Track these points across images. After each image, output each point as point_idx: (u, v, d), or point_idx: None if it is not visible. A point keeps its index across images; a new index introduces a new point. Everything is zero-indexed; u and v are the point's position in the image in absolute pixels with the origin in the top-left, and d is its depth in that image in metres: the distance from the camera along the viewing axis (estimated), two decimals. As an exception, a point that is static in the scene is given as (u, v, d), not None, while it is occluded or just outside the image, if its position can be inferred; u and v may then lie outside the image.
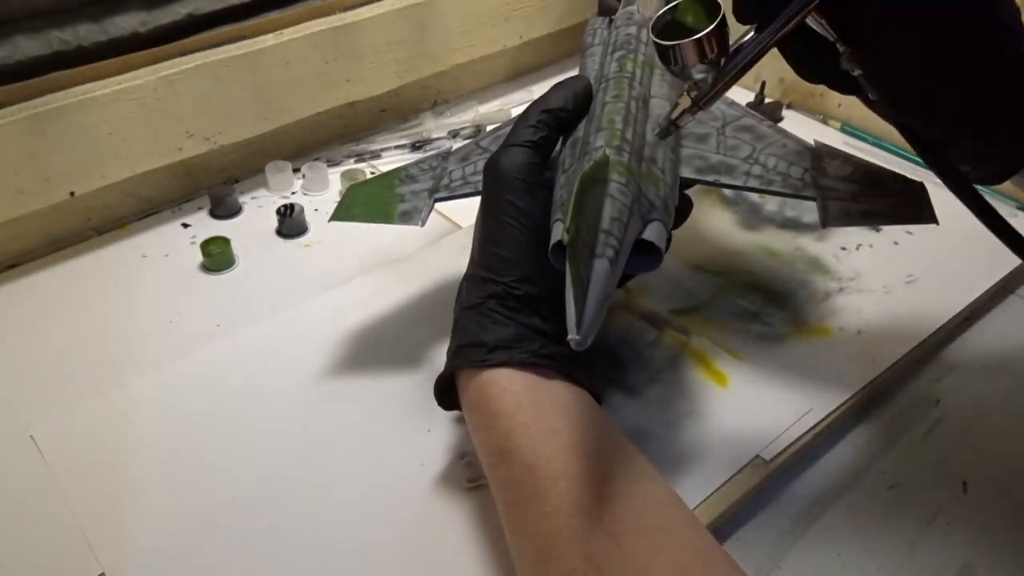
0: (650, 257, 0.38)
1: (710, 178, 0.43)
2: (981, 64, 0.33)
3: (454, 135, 0.74)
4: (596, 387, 0.40)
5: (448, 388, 0.42)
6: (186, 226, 0.65)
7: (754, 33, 0.35)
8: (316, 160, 0.70)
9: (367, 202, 0.50)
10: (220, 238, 0.60)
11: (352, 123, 0.75)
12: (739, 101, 0.48)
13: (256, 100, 0.65)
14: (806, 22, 0.34)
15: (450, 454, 0.45)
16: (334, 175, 0.69)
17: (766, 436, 0.45)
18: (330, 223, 0.50)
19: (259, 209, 0.66)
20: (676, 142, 0.44)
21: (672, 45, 0.34)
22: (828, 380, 0.49)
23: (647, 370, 0.50)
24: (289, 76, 0.65)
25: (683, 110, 0.37)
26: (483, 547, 0.41)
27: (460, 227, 0.63)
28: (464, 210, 0.58)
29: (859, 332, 0.53)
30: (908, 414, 0.49)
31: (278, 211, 0.63)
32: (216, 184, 0.68)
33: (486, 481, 0.39)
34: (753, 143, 0.45)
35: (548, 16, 0.81)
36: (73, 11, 0.59)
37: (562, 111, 0.42)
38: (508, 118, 0.59)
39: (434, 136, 0.74)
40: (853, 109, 0.74)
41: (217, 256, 0.59)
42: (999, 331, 0.55)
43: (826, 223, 0.42)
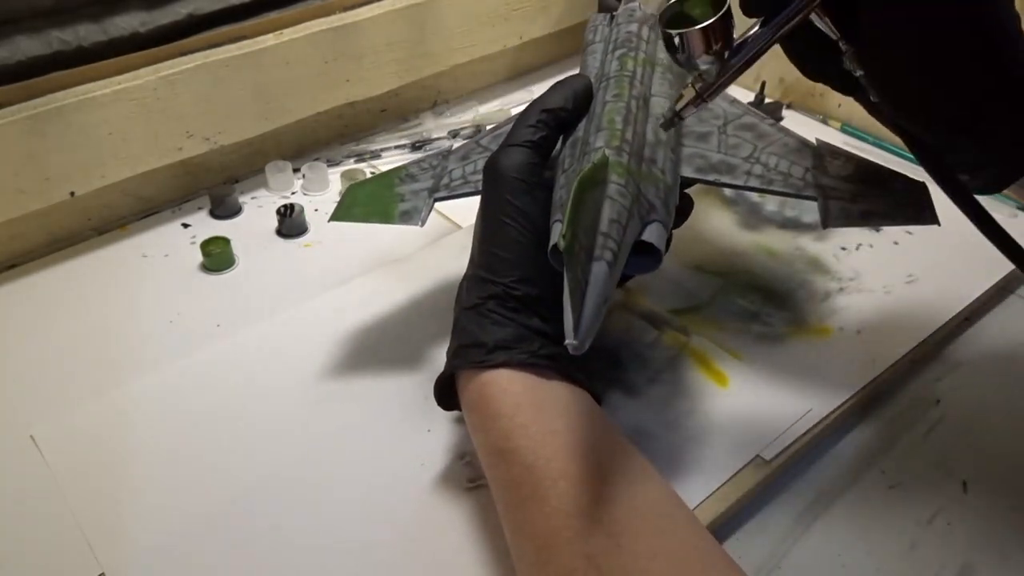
0: (650, 258, 0.38)
1: (711, 177, 0.43)
2: (977, 63, 0.33)
3: (454, 135, 0.74)
4: (596, 387, 0.40)
5: (448, 388, 0.42)
6: (186, 226, 0.65)
7: (759, 28, 0.36)
8: (316, 160, 0.70)
9: (367, 202, 0.49)
10: (220, 238, 0.60)
11: (352, 123, 0.75)
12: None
13: (256, 100, 0.65)
14: (810, 20, 0.35)
15: (450, 454, 0.45)
16: (334, 175, 0.69)
17: (766, 436, 0.45)
18: (330, 223, 0.50)
19: (259, 209, 0.66)
20: (677, 141, 0.44)
21: (679, 33, 0.35)
22: (828, 380, 0.49)
23: (647, 370, 0.50)
24: (289, 76, 0.65)
25: (687, 101, 0.37)
26: (483, 547, 0.41)
27: (460, 227, 0.63)
28: (464, 210, 0.58)
29: (859, 332, 0.53)
30: (908, 414, 0.49)
31: (278, 211, 0.63)
32: (216, 184, 0.68)
33: (486, 481, 0.39)
34: (755, 142, 0.45)
35: (548, 16, 0.81)
36: (73, 11, 0.59)
37: (562, 111, 0.42)
38: (508, 118, 0.59)
39: (434, 136, 0.74)
40: (853, 109, 0.73)
41: (217, 256, 0.59)
42: (999, 331, 0.55)
43: (827, 223, 0.42)
